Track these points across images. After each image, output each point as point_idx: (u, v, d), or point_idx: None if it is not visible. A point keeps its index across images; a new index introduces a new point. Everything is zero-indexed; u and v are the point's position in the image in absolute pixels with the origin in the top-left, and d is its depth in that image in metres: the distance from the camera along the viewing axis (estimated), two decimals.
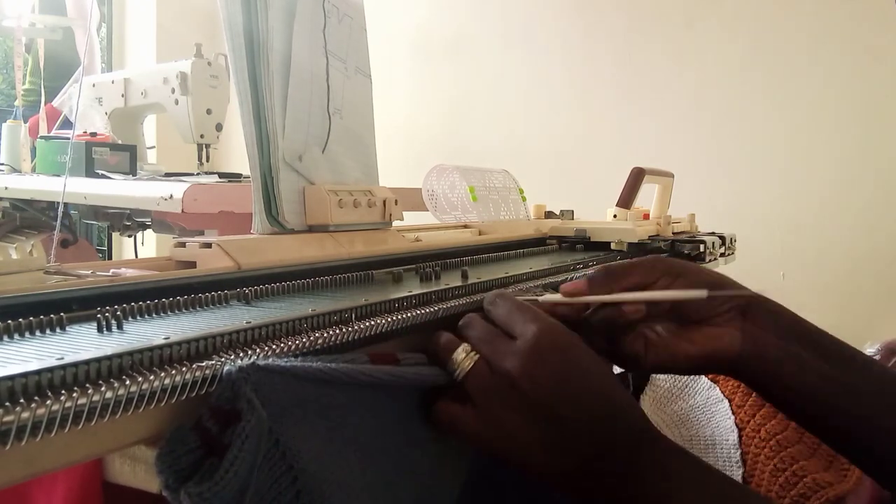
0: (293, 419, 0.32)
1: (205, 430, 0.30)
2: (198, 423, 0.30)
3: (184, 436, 0.30)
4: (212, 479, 0.29)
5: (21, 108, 1.67)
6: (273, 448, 0.31)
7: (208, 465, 0.29)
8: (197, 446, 0.30)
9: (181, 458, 0.30)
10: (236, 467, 0.29)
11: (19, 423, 0.24)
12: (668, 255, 0.82)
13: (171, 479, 0.29)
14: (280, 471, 0.32)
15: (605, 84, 2.05)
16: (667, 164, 1.07)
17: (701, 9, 1.88)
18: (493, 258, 0.72)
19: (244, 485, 0.30)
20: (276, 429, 0.31)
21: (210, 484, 0.29)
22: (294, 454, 0.32)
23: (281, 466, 0.32)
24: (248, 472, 0.30)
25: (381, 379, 0.36)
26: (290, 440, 0.32)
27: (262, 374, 0.31)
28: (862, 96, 1.65)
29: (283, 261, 0.54)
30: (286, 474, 0.32)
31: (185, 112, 1.42)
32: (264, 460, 0.31)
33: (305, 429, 0.33)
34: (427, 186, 1.03)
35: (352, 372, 0.34)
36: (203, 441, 0.30)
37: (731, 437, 1.26)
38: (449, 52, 2.37)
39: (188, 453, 0.30)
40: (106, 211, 1.37)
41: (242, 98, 0.61)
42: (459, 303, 0.48)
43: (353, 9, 0.73)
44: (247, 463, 0.30)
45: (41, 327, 0.34)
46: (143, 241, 1.83)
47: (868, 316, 1.63)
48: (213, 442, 0.30)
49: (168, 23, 2.83)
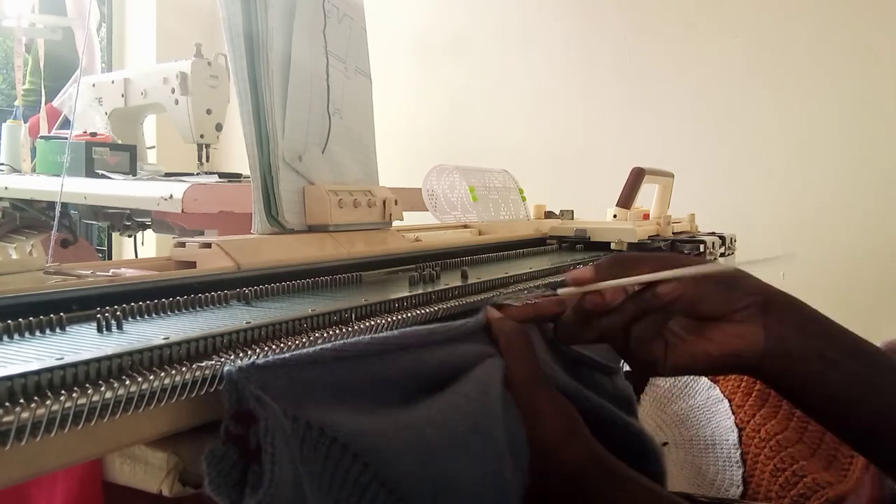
0: (312, 402, 0.32)
1: (235, 437, 0.30)
2: (227, 433, 0.30)
3: (222, 453, 0.30)
4: (261, 486, 0.29)
5: (21, 108, 1.67)
6: (308, 431, 0.31)
7: (252, 475, 0.29)
8: (238, 456, 0.30)
9: (231, 474, 0.30)
10: (278, 466, 0.29)
11: (19, 423, 0.24)
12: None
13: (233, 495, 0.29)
14: (325, 445, 0.32)
15: (605, 84, 2.05)
16: (667, 164, 1.07)
17: (701, 9, 1.88)
18: (492, 258, 0.72)
19: (295, 477, 0.30)
20: (301, 414, 0.31)
21: (263, 490, 0.29)
22: (332, 427, 0.32)
23: (324, 441, 0.32)
24: (291, 463, 0.30)
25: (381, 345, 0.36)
26: (321, 417, 0.32)
27: (264, 372, 0.31)
28: (862, 96, 1.65)
29: (282, 261, 0.55)
30: (333, 446, 0.32)
31: (185, 112, 1.42)
32: (304, 445, 0.31)
33: (328, 406, 0.33)
34: (427, 186, 1.03)
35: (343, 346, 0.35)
36: (238, 448, 0.30)
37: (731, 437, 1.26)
38: (449, 52, 2.37)
39: (233, 467, 0.30)
40: (106, 211, 1.37)
41: (242, 98, 0.61)
42: (459, 303, 0.48)
43: (353, 9, 0.73)
44: (285, 457, 0.29)
45: (41, 327, 0.34)
46: (143, 241, 1.83)
47: (868, 316, 1.63)
48: (246, 445, 0.30)
49: (168, 23, 2.83)
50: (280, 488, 0.29)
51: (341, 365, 0.34)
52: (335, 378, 0.34)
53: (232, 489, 0.29)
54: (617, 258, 0.46)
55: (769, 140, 1.78)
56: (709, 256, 0.87)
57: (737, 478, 1.27)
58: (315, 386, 0.33)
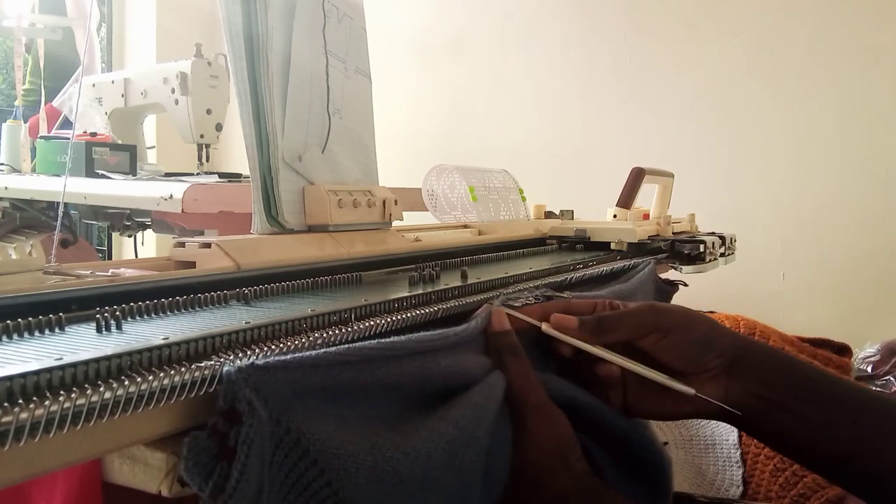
0: (302, 407, 0.32)
1: (221, 433, 0.30)
2: (213, 428, 0.30)
3: (204, 444, 0.30)
4: (224, 491, 0.29)
5: (21, 108, 1.67)
6: (286, 436, 0.31)
7: (219, 470, 0.30)
8: (217, 451, 0.30)
9: (206, 465, 0.30)
10: (245, 477, 0.29)
11: (18, 423, 0.24)
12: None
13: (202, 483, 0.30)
14: (297, 455, 0.32)
15: (605, 84, 2.05)
16: (667, 164, 1.07)
17: (701, 9, 1.88)
18: (492, 258, 0.72)
19: (259, 486, 0.30)
20: (285, 418, 0.31)
21: (227, 493, 0.29)
22: (309, 437, 0.32)
23: (297, 451, 0.32)
24: (259, 472, 0.30)
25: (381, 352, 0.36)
26: (302, 425, 0.32)
27: (261, 373, 0.31)
28: (862, 96, 1.65)
29: (282, 261, 0.54)
30: (304, 458, 0.32)
31: (185, 112, 1.42)
32: (278, 450, 0.31)
33: (316, 413, 0.33)
34: (427, 186, 1.03)
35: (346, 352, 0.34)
36: (219, 444, 0.30)
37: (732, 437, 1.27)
38: (449, 52, 2.37)
39: (210, 459, 0.30)
40: (106, 211, 1.37)
41: (242, 98, 0.61)
42: (459, 303, 0.48)
43: (353, 9, 0.73)
44: (255, 467, 0.30)
45: (40, 327, 0.34)
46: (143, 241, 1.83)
47: (868, 316, 1.63)
48: (226, 443, 0.30)
49: (168, 23, 2.83)
50: (242, 495, 0.29)
51: (342, 370, 0.34)
52: (332, 383, 0.34)
53: (202, 478, 0.30)
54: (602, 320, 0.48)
55: (769, 140, 1.78)
56: (709, 256, 0.87)
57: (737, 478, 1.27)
58: (309, 390, 0.33)
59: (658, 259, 0.82)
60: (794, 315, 1.67)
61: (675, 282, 0.84)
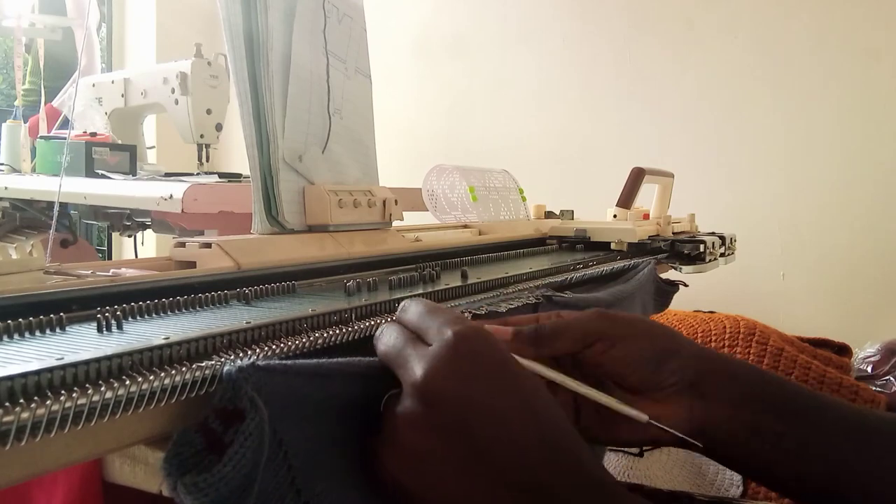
0: (295, 418, 0.32)
1: (210, 430, 0.30)
2: (203, 424, 0.30)
3: (190, 438, 0.30)
4: (209, 471, 0.29)
5: (21, 108, 1.67)
6: (277, 448, 0.31)
7: (207, 461, 0.29)
8: (203, 447, 0.30)
9: (188, 461, 0.30)
10: (235, 462, 0.29)
11: (19, 423, 0.24)
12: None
13: (175, 474, 0.29)
14: (283, 470, 0.32)
15: (605, 84, 2.05)
16: (667, 164, 1.07)
17: (701, 9, 1.88)
18: (492, 258, 0.72)
19: (246, 482, 0.30)
20: (279, 428, 0.31)
21: (207, 475, 0.28)
22: (293, 453, 0.32)
23: (283, 466, 0.32)
24: (251, 469, 0.30)
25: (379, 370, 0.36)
26: (291, 440, 0.32)
27: (262, 374, 0.30)
28: (862, 96, 1.65)
29: (282, 261, 0.55)
30: (287, 474, 0.32)
31: (185, 112, 1.42)
32: (269, 461, 0.31)
33: (306, 427, 0.33)
34: (427, 186, 1.03)
35: (348, 365, 0.34)
36: (208, 442, 0.30)
37: None
38: (449, 51, 2.37)
39: (195, 455, 0.30)
40: (106, 211, 1.37)
41: (242, 98, 0.61)
42: (459, 303, 0.48)
43: (353, 9, 0.73)
44: (248, 460, 0.29)
45: (41, 327, 0.34)
46: (143, 241, 1.83)
47: (868, 316, 1.63)
48: (217, 442, 0.30)
49: (168, 23, 2.83)
50: (223, 481, 0.29)
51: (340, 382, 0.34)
52: (330, 393, 0.34)
53: (178, 471, 0.29)
54: (538, 331, 0.41)
55: (769, 140, 1.78)
56: (709, 256, 0.87)
57: (737, 478, 1.27)
58: (306, 400, 0.33)
59: (658, 259, 0.82)
60: (794, 315, 1.67)
61: (676, 282, 0.84)
